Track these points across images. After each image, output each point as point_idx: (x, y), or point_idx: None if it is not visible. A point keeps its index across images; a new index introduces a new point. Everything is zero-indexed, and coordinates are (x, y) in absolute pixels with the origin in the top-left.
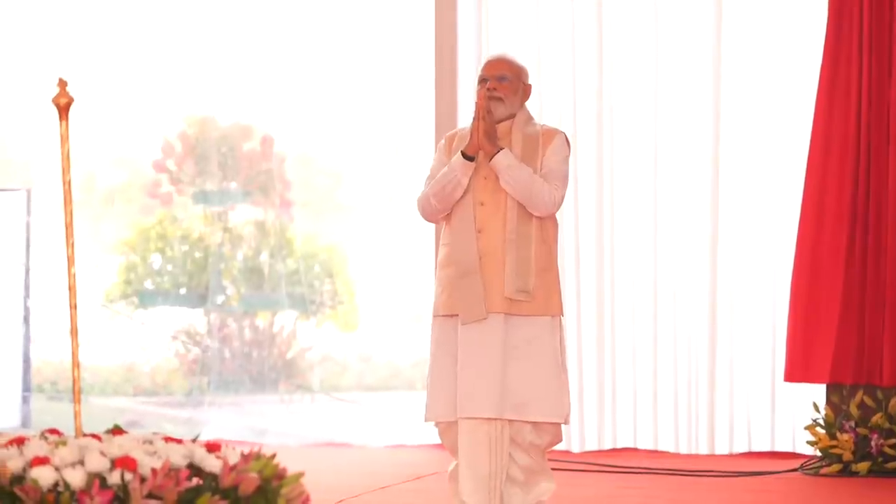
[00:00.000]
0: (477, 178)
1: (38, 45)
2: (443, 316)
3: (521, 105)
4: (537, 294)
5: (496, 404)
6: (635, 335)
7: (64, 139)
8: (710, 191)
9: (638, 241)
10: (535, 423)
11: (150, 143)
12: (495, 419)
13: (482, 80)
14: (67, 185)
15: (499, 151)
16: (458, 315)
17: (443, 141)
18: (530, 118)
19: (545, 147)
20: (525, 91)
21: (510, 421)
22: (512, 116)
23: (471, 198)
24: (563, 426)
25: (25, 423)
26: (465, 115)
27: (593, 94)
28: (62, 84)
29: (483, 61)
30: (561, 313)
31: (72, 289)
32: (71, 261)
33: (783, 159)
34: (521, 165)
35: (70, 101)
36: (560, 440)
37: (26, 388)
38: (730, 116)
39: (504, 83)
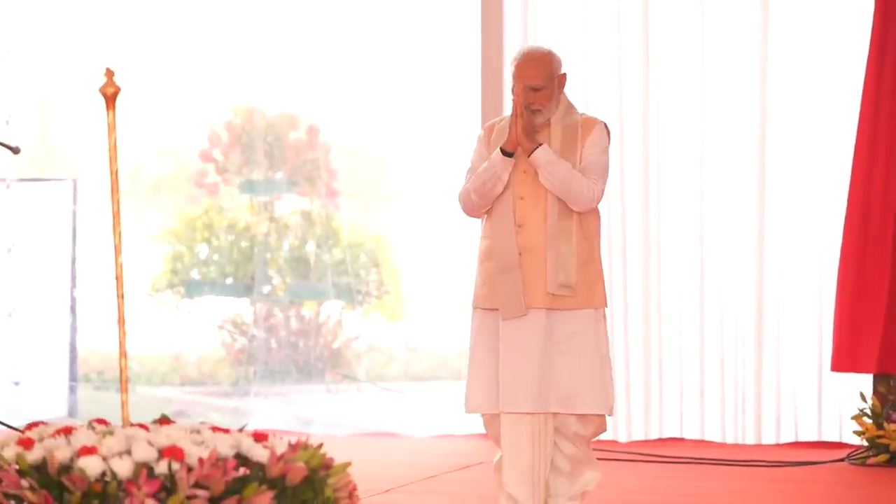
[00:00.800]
0: (516, 173)
1: (84, 35)
2: (483, 309)
3: (559, 99)
4: (580, 288)
5: (537, 399)
6: (682, 325)
7: (111, 128)
8: (756, 183)
9: (684, 234)
10: (580, 415)
11: (196, 133)
12: (537, 413)
13: (518, 88)
14: (115, 174)
15: (538, 147)
16: (498, 309)
17: (482, 132)
18: (569, 107)
19: (584, 138)
20: (560, 83)
21: (555, 413)
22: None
23: (510, 192)
24: (607, 416)
25: (72, 412)
26: (510, 105)
27: (639, 91)
28: (109, 73)
29: (515, 57)
30: (604, 305)
31: (119, 278)
32: (118, 250)
33: (829, 151)
34: (561, 161)
35: (117, 91)
36: (604, 430)
37: (73, 377)
38: (776, 110)
39: (539, 93)
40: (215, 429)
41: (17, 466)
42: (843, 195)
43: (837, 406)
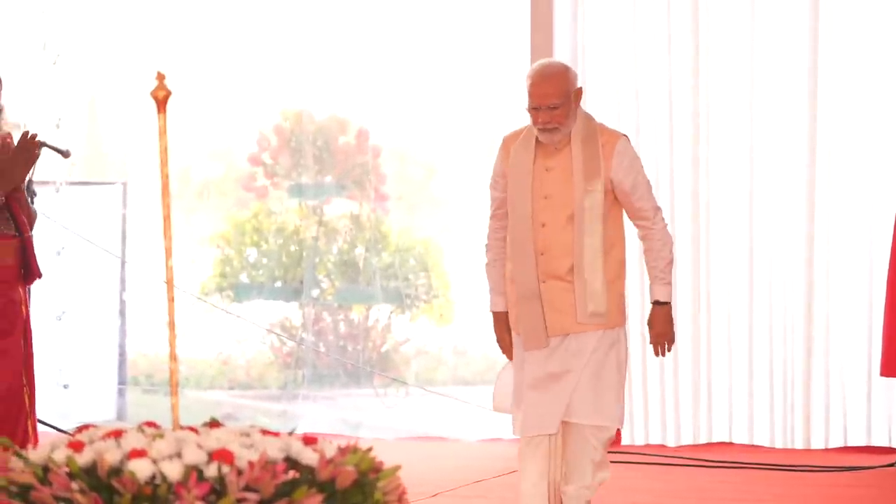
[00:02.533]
0: (536, 199)
1: (135, 38)
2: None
3: (576, 113)
4: (609, 309)
5: (559, 418)
6: (731, 329)
7: (162, 132)
8: (806, 187)
9: (733, 238)
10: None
11: (245, 137)
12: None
13: (534, 109)
14: (165, 178)
15: (660, 307)
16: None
17: (502, 141)
18: (586, 118)
19: (608, 159)
20: (577, 97)
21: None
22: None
23: (531, 220)
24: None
25: (121, 415)
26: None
27: (689, 89)
28: (160, 77)
29: (530, 75)
30: (624, 323)
31: (169, 282)
32: (168, 253)
33: (881, 154)
34: (662, 275)
35: (168, 95)
36: (615, 437)
37: (122, 381)
38: (827, 114)
39: (557, 111)
40: (265, 432)
41: (67, 469)
42: (894, 196)
43: (887, 411)
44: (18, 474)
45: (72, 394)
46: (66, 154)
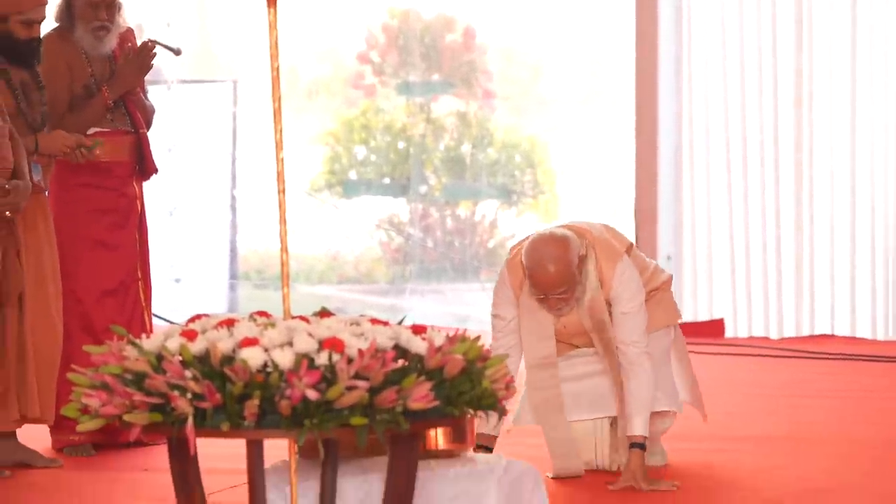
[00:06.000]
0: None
1: None
2: None
3: (582, 279)
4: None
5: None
6: (833, 225)
7: (272, 26)
8: None
9: (836, 130)
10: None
11: (353, 35)
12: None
13: (540, 298)
14: (275, 71)
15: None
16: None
17: (506, 271)
18: (587, 276)
19: (608, 286)
20: (579, 267)
21: None
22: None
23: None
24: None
25: (232, 310)
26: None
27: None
28: None
29: (529, 265)
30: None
31: (280, 174)
32: (279, 146)
33: None
34: (638, 413)
35: None
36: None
37: (233, 275)
38: None
39: (565, 295)
40: (374, 321)
41: (180, 357)
42: None
43: None
44: (133, 363)
45: (184, 288)
46: (177, 52)
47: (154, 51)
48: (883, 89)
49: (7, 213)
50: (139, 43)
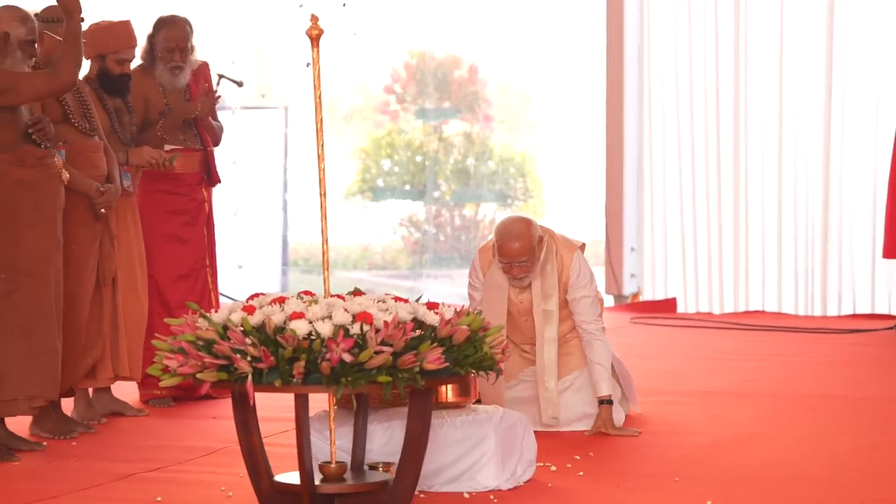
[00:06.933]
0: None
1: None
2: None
3: (540, 255)
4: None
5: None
6: (764, 221)
7: (315, 62)
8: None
9: (768, 149)
10: None
11: (381, 71)
12: None
13: (506, 264)
14: (318, 99)
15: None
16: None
17: (477, 257)
18: (547, 252)
19: (564, 268)
20: (539, 245)
21: None
22: None
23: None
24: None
25: (283, 290)
26: (631, 40)
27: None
28: (314, 19)
29: (498, 237)
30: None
31: (321, 182)
32: (321, 159)
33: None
34: (603, 378)
35: (321, 33)
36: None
37: (284, 262)
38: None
39: (525, 265)
40: (397, 299)
41: (241, 328)
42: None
43: (887, 286)
44: (204, 332)
45: (245, 273)
46: (240, 84)
47: (218, 95)
48: (806, 103)
49: (102, 210)
50: (211, 73)
